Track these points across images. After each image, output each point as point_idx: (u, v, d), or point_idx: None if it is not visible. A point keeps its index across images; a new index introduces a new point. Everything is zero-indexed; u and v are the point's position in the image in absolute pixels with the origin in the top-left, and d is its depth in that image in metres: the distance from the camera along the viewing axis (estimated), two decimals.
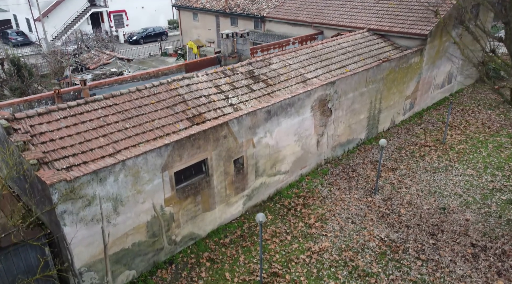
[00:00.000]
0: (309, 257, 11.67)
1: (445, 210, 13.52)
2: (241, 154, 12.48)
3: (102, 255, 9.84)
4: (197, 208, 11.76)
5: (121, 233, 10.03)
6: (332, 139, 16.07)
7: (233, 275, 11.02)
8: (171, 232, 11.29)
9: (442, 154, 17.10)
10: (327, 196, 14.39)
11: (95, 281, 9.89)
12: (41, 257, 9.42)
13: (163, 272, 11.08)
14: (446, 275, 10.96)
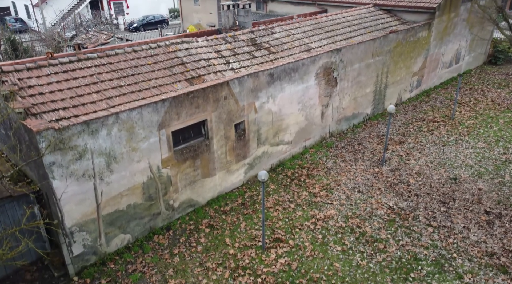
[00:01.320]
0: (314, 224, 11.07)
1: (456, 180, 12.89)
2: (243, 118, 11.90)
3: (95, 215, 9.27)
4: (196, 172, 11.17)
5: (115, 192, 9.46)
6: (337, 112, 15.47)
7: (233, 241, 10.44)
8: (169, 196, 10.71)
9: (451, 128, 16.47)
10: (332, 167, 13.78)
11: (87, 242, 9.32)
12: (30, 216, 8.85)
13: (160, 237, 10.51)
14: (459, 241, 10.34)
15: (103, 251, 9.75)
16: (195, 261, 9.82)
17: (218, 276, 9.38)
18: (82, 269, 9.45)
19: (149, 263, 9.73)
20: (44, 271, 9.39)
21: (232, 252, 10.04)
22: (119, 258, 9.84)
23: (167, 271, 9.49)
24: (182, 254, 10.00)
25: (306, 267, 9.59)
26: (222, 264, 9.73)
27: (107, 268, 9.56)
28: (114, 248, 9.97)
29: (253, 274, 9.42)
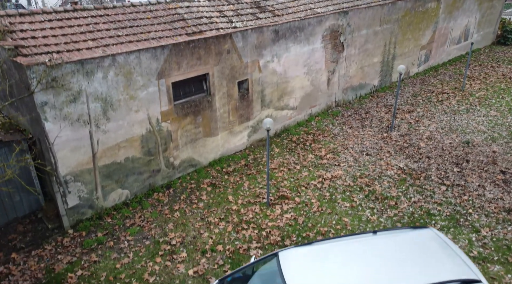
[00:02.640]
0: (321, 183, 10.55)
1: (469, 144, 12.34)
2: (246, 76, 11.40)
3: (91, 165, 8.80)
4: (197, 130, 10.69)
5: (112, 142, 8.99)
6: (343, 80, 14.95)
7: (236, 198, 9.94)
8: (169, 153, 10.23)
9: (462, 99, 15.92)
10: (338, 133, 13.27)
11: (83, 194, 8.84)
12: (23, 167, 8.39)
13: (160, 195, 10.03)
14: (474, 198, 9.79)
15: (100, 205, 9.28)
16: (196, 216, 9.33)
17: (220, 229, 8.89)
18: (77, 223, 8.98)
19: (148, 218, 9.24)
20: (37, 224, 8.92)
21: (235, 208, 9.55)
22: (117, 213, 9.37)
23: (167, 225, 9.00)
24: (183, 210, 9.51)
25: (313, 222, 9.08)
26: (225, 219, 9.24)
27: (104, 222, 9.08)
28: (112, 203, 9.49)
29: (258, 228, 8.92)
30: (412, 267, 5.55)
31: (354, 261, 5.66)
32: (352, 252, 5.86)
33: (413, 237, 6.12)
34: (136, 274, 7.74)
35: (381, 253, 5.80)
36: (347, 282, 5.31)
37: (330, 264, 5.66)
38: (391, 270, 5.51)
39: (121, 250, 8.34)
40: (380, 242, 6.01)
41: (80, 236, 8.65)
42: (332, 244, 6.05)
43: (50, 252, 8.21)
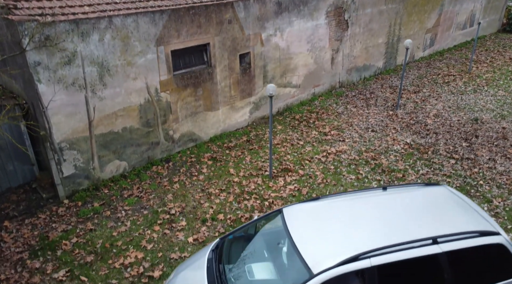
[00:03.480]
0: (325, 157, 10.21)
1: (477, 121, 11.99)
2: (248, 49, 11.07)
3: (87, 133, 8.48)
4: (198, 103, 10.36)
5: (109, 110, 8.67)
6: (347, 60, 14.59)
7: (238, 171, 9.60)
8: (168, 125, 9.90)
9: (469, 80, 15.55)
10: (343, 112, 12.92)
11: (79, 163, 8.52)
12: (15, 134, 8.08)
13: (159, 168, 9.70)
14: (485, 170, 9.43)
15: (97, 176, 8.95)
16: (197, 187, 9.00)
17: (221, 200, 8.55)
18: (73, 193, 8.65)
19: (147, 189, 8.92)
20: (31, 194, 8.61)
21: (236, 180, 9.22)
22: (114, 184, 9.04)
23: (166, 196, 8.68)
24: (183, 182, 9.18)
25: (318, 193, 8.74)
26: (226, 190, 8.91)
27: (101, 193, 8.76)
28: (109, 174, 9.17)
29: (260, 198, 8.58)
30: (426, 220, 5.22)
31: (362, 216, 5.33)
32: (361, 207, 5.52)
33: (426, 192, 5.78)
34: (133, 241, 7.42)
35: (391, 207, 5.46)
36: (357, 236, 4.97)
37: (338, 218, 5.32)
38: (402, 223, 5.17)
39: (118, 219, 8.02)
40: (390, 197, 5.67)
41: (76, 206, 8.33)
42: (339, 199, 5.70)
43: (44, 221, 7.89)
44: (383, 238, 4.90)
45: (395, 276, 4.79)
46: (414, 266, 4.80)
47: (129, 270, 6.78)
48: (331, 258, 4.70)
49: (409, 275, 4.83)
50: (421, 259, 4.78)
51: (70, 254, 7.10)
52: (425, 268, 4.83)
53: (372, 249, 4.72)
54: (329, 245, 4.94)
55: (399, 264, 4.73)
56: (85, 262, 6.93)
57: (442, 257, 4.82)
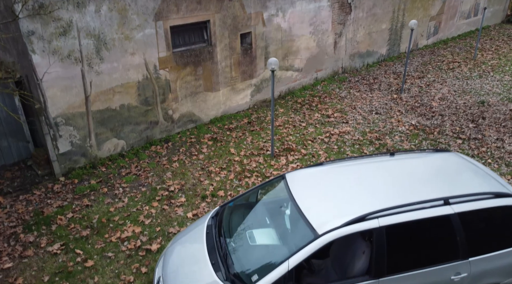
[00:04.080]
0: (328, 137, 9.96)
1: (484, 103, 11.71)
2: (249, 29, 10.82)
3: (84, 108, 8.24)
4: (198, 83, 10.11)
5: (106, 86, 8.43)
6: (350, 45, 14.33)
7: (239, 150, 9.35)
8: (168, 104, 9.66)
9: (474, 67, 15.26)
10: (346, 96, 12.66)
11: (75, 140, 8.28)
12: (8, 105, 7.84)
13: (158, 147, 9.46)
14: (493, 150, 9.16)
15: (94, 154, 8.71)
16: (196, 166, 8.74)
17: (222, 177, 8.29)
18: (69, 171, 8.41)
19: (145, 167, 8.67)
20: (26, 171, 8.37)
21: (237, 159, 8.97)
22: (112, 163, 8.79)
23: (165, 174, 8.43)
24: (182, 161, 8.93)
25: None
26: (227, 168, 8.65)
27: (98, 171, 8.51)
28: (106, 153, 8.93)
29: (261, 175, 8.33)
30: (436, 183, 4.96)
31: (370, 179, 5.07)
32: (368, 171, 5.26)
33: (436, 157, 5.52)
34: (130, 216, 7.17)
35: (400, 171, 5.20)
36: (364, 198, 4.71)
37: (343, 182, 5.06)
38: (411, 186, 4.91)
39: (115, 195, 7.77)
40: (398, 162, 5.40)
41: (72, 183, 8.09)
42: (344, 164, 5.44)
43: (40, 197, 7.65)
44: (392, 199, 4.65)
45: (404, 238, 4.54)
46: (424, 228, 4.54)
47: (126, 243, 6.54)
48: (337, 219, 4.44)
49: (420, 237, 4.57)
50: (432, 220, 4.52)
51: (65, 228, 6.86)
52: (437, 230, 4.57)
53: (380, 209, 4.45)
54: (334, 207, 4.68)
55: (409, 225, 4.48)
56: (81, 236, 6.69)
57: (454, 219, 4.55)
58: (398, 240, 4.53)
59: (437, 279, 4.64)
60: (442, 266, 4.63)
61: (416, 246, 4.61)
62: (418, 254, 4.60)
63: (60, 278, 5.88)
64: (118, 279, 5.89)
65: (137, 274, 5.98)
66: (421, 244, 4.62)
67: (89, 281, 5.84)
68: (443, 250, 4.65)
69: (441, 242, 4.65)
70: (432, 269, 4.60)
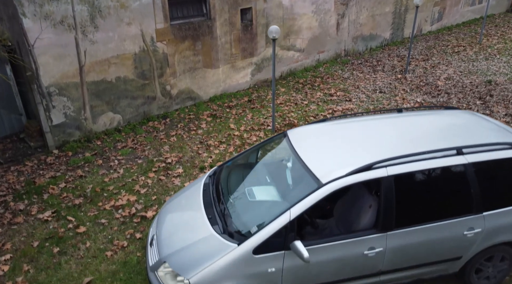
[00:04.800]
0: (331, 114, 9.64)
1: (491, 82, 11.39)
2: (250, 4, 10.53)
3: (78, 78, 7.96)
4: (196, 58, 9.82)
5: (101, 56, 8.14)
6: (353, 27, 14.02)
7: (239, 126, 9.05)
8: (165, 79, 9.37)
9: (479, 50, 14.94)
10: (349, 77, 12.36)
11: (69, 112, 8.00)
12: None
13: (155, 123, 9.17)
14: None
15: (89, 128, 8.43)
16: (195, 140, 8.46)
17: (221, 150, 8.00)
18: (63, 144, 8.14)
19: (142, 141, 8.38)
20: (19, 143, 8.08)
21: (237, 134, 8.68)
22: (107, 137, 8.50)
23: (162, 148, 8.14)
24: (180, 136, 8.65)
25: None
26: (226, 142, 8.36)
27: (93, 145, 8.23)
28: (102, 127, 8.64)
29: None
30: (448, 135, 4.64)
31: (377, 134, 4.76)
32: (374, 126, 4.95)
33: (447, 113, 5.20)
34: (126, 186, 6.88)
35: (409, 126, 4.90)
36: (371, 149, 4.40)
37: (349, 136, 4.76)
38: (421, 138, 4.60)
39: (111, 167, 7.49)
40: (407, 118, 5.10)
41: (66, 156, 7.81)
42: (349, 120, 5.14)
43: (32, 168, 7.37)
44: (401, 150, 4.33)
45: (414, 189, 4.23)
46: (436, 179, 4.24)
47: (120, 211, 6.25)
48: (342, 168, 4.14)
49: (430, 188, 4.27)
50: (444, 170, 4.22)
51: (57, 197, 6.57)
52: (449, 181, 4.27)
53: (388, 158, 4.14)
54: (339, 158, 4.38)
55: (419, 175, 4.17)
56: (73, 204, 6.40)
57: (467, 169, 4.24)
58: (407, 191, 4.23)
59: (448, 234, 4.34)
60: (454, 220, 4.32)
61: (426, 198, 4.30)
62: (429, 207, 4.30)
63: (50, 244, 5.60)
64: (111, 244, 5.60)
65: (131, 240, 5.69)
66: (432, 196, 4.31)
67: (80, 246, 5.55)
68: (456, 203, 4.34)
69: (453, 194, 4.34)
70: (443, 223, 4.29)
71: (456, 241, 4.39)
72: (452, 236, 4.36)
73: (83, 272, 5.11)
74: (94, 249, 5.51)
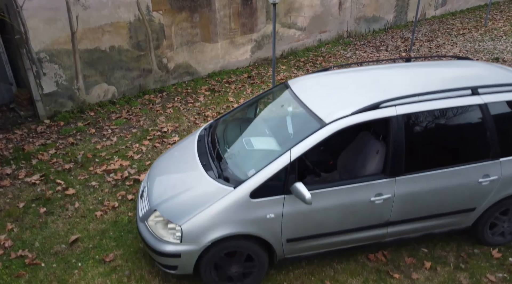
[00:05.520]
0: None
1: (498, 59, 11.05)
2: None
3: (70, 46, 7.64)
4: (194, 31, 9.49)
5: (94, 23, 7.83)
6: (356, 7, 13.69)
7: (238, 98, 8.72)
8: (162, 52, 9.05)
9: (485, 32, 14.59)
10: (351, 56, 12.02)
11: (61, 80, 7.68)
12: None
13: (152, 96, 8.84)
14: None
15: (82, 99, 8.11)
16: (192, 112, 8.15)
17: None
18: (55, 114, 7.82)
19: (137, 113, 8.07)
20: (8, 113, 7.77)
21: (236, 106, 8.33)
22: (101, 108, 8.18)
23: (158, 118, 7.83)
24: (177, 108, 8.33)
25: None
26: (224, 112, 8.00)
27: (86, 115, 7.91)
28: (96, 98, 8.33)
29: None
30: (462, 78, 4.30)
31: (384, 79, 4.42)
32: (381, 72, 4.62)
33: (459, 62, 4.86)
34: (119, 152, 6.57)
35: (418, 72, 4.56)
36: (378, 92, 4.07)
37: (355, 82, 4.42)
38: (433, 81, 4.26)
39: (104, 135, 7.18)
40: (416, 65, 4.76)
41: (58, 126, 7.49)
42: (354, 69, 4.81)
43: (21, 136, 7.06)
44: (412, 91, 4.00)
45: (426, 131, 3.89)
46: (449, 120, 3.90)
47: (112, 175, 5.92)
48: (347, 108, 3.80)
49: (443, 130, 3.93)
50: (459, 111, 3.88)
51: (46, 163, 6.26)
52: (463, 123, 3.93)
53: (397, 96, 3.81)
54: (345, 101, 4.04)
55: (432, 115, 3.83)
56: (63, 169, 6.08)
57: (483, 110, 3.91)
58: (418, 133, 3.90)
59: (462, 182, 4.00)
60: (468, 165, 3.98)
61: (439, 141, 3.97)
62: (441, 151, 3.97)
63: (36, 205, 5.28)
64: (101, 205, 5.28)
65: (123, 201, 5.37)
66: (445, 140, 3.98)
67: (69, 207, 5.23)
68: (470, 147, 4.01)
69: (468, 138, 4.01)
70: (456, 169, 3.96)
71: (470, 190, 4.05)
72: (466, 183, 4.02)
73: (71, 231, 4.79)
74: (83, 209, 5.19)
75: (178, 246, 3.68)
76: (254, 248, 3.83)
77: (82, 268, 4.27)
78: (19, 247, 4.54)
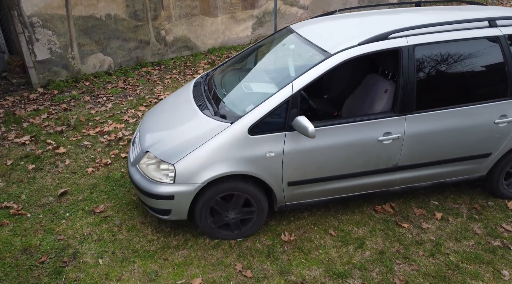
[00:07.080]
0: None
1: None
2: None
3: (64, 11, 7.37)
4: (193, 3, 9.22)
5: None
6: None
7: None
8: (160, 23, 8.78)
9: None
10: None
11: (55, 47, 7.42)
12: None
13: (149, 68, 8.57)
14: None
15: (77, 68, 7.85)
16: None
17: None
18: (48, 82, 7.56)
19: (134, 83, 7.80)
20: (0, 80, 7.51)
21: None
22: (97, 79, 7.91)
23: (155, 88, 7.55)
24: (175, 79, 8.06)
25: None
26: None
27: (81, 85, 7.64)
28: (91, 69, 8.07)
29: None
30: (479, 12, 4.01)
31: (395, 19, 4.12)
32: (391, 15, 4.32)
33: (472, 7, 4.58)
34: (113, 117, 6.30)
35: (431, 15, 4.26)
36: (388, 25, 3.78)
37: (363, 21, 4.13)
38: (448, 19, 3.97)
39: (98, 102, 6.92)
40: (426, 10, 4.48)
41: (51, 94, 7.24)
42: (360, 13, 4.53)
43: (13, 102, 6.80)
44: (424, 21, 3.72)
45: (439, 65, 3.60)
46: (464, 53, 3.61)
47: (105, 136, 5.65)
48: (354, 40, 3.52)
49: (458, 65, 3.64)
50: (475, 43, 3.59)
51: (38, 126, 6.00)
52: (480, 57, 3.64)
53: (408, 27, 3.53)
54: (352, 32, 3.75)
55: (445, 47, 3.55)
56: (55, 131, 5.82)
57: (502, 43, 3.62)
58: (430, 67, 3.61)
59: (476, 122, 3.71)
60: (485, 104, 3.70)
61: (452, 76, 3.68)
62: (455, 87, 3.68)
63: (25, 162, 5.01)
64: (93, 162, 5.01)
65: (116, 159, 5.09)
66: (459, 75, 3.69)
67: (59, 164, 4.96)
68: (487, 84, 3.72)
69: (484, 73, 3.72)
70: (471, 108, 3.68)
71: (485, 132, 3.76)
72: (481, 124, 3.74)
73: (60, 185, 4.53)
74: (74, 166, 4.92)
75: (171, 186, 3.41)
76: (253, 191, 3.55)
77: (70, 218, 4.00)
78: (4, 199, 4.27)
